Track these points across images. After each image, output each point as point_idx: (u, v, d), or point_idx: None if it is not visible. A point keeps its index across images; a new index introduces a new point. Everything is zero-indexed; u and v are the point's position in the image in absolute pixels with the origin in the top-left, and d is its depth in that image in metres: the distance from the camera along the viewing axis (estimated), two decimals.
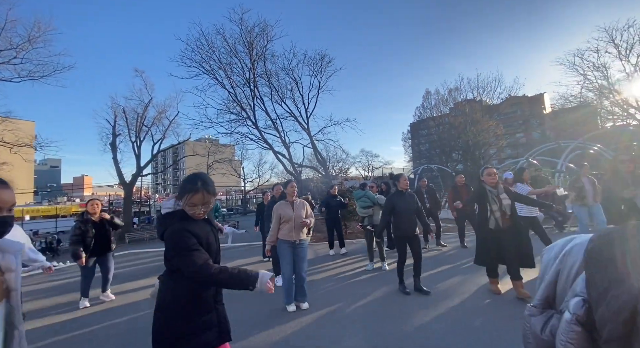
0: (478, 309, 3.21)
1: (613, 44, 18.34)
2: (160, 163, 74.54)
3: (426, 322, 2.96)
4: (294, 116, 19.26)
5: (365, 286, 4.16)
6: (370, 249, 5.25)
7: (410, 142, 46.88)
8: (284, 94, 18.74)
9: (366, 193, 5.31)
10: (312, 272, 5.09)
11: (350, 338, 2.75)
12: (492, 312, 3.12)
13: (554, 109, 37.37)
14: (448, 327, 2.84)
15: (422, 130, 45.86)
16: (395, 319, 3.06)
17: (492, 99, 32.77)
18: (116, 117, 20.87)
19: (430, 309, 3.25)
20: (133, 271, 6.36)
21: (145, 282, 5.22)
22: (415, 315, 3.13)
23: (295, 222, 3.48)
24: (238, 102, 17.17)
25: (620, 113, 21.13)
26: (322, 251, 7.15)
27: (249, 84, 16.97)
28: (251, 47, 16.21)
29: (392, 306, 3.41)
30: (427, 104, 36.40)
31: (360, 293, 3.90)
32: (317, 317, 3.23)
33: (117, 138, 21.46)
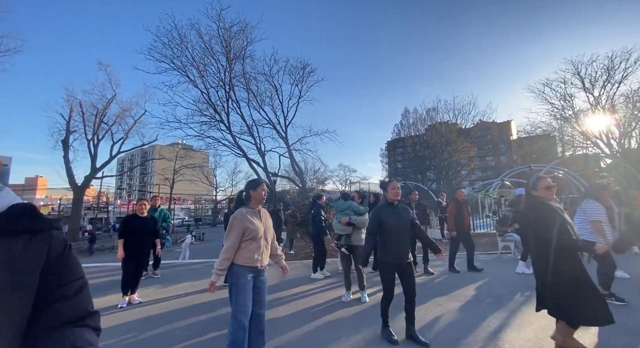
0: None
1: (578, 76, 19.55)
2: (127, 166, 70.00)
3: None
4: (272, 123, 18.38)
5: (340, 329, 3.18)
6: (347, 276, 4.32)
7: (387, 159, 47.39)
8: (263, 100, 17.89)
9: (351, 205, 4.39)
10: (272, 305, 4.04)
11: None
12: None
13: (519, 137, 39.60)
14: None
15: (399, 148, 46.79)
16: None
17: (467, 121, 34.10)
18: (72, 111, 18.81)
19: None
20: None
21: None
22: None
23: (266, 239, 2.50)
24: (211, 104, 15.99)
25: (580, 141, 22.43)
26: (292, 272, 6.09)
27: (224, 86, 15.92)
28: (228, 47, 15.29)
29: None
30: (406, 122, 37.10)
31: (332, 339, 2.92)
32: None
33: (71, 135, 19.27)
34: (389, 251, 2.90)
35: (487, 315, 3.39)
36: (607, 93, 19.36)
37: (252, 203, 2.51)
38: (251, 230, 2.38)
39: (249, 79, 17.06)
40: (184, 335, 3.08)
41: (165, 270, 6.67)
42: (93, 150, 19.30)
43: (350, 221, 4.19)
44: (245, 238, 2.38)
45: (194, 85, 15.34)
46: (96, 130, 19.29)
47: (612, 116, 19.46)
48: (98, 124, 19.26)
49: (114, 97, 19.71)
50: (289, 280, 5.52)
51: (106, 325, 3.47)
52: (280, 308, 3.90)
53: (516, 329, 2.98)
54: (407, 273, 2.88)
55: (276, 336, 2.99)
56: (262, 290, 2.47)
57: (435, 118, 33.66)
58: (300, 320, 3.45)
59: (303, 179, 20.01)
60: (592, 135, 20.48)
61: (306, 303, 4.06)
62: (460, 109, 33.55)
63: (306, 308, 3.87)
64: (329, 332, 3.09)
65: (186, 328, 3.31)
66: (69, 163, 18.81)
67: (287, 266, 2.73)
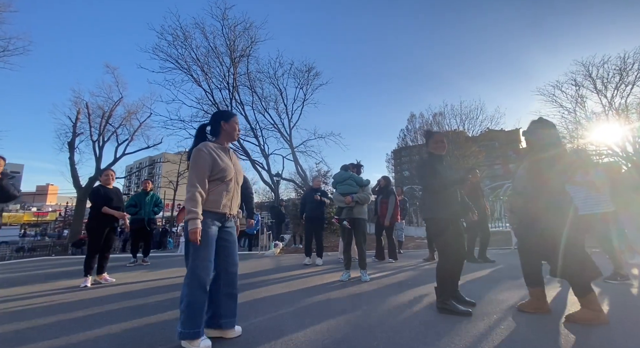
0: None
1: (590, 78, 19.05)
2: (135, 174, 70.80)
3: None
4: (276, 127, 18.25)
5: (337, 304, 2.77)
6: (348, 252, 3.91)
7: (394, 167, 46.88)
8: (268, 104, 17.85)
9: (352, 176, 4.00)
10: (259, 285, 3.66)
11: None
12: None
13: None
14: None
15: (405, 157, 46.30)
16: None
17: (474, 127, 33.58)
18: (79, 113, 18.97)
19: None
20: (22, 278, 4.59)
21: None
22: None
23: (237, 183, 2.05)
24: (215, 103, 15.96)
25: (595, 147, 21.67)
26: (285, 262, 5.68)
27: (228, 86, 15.93)
28: (233, 46, 15.37)
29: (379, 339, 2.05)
30: (412, 127, 36.77)
31: (329, 313, 2.51)
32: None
33: (77, 137, 19.43)
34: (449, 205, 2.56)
35: (504, 292, 2.96)
36: (621, 94, 18.78)
37: (221, 138, 2.07)
38: (220, 168, 1.92)
39: (253, 80, 17.10)
40: (160, 306, 2.71)
41: (156, 260, 6.34)
42: (98, 152, 19.33)
43: (352, 200, 3.81)
44: (212, 178, 1.92)
45: (197, 84, 15.39)
46: (102, 132, 19.38)
47: (625, 119, 18.83)
48: (104, 126, 19.38)
49: (121, 100, 19.89)
50: (287, 266, 5.13)
51: (73, 299, 3.13)
52: (273, 286, 3.51)
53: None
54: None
55: (268, 313, 2.59)
56: (230, 243, 2.02)
57: (442, 123, 33.25)
58: (294, 297, 3.04)
59: (307, 183, 19.69)
60: (605, 140, 19.78)
61: (299, 285, 3.65)
62: (467, 115, 33.04)
63: (298, 287, 3.47)
64: (324, 308, 2.68)
65: (164, 301, 2.95)
66: (74, 165, 18.86)
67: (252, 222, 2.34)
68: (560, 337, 1.92)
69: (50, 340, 2.01)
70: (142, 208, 5.76)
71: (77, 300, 3.04)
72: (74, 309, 2.72)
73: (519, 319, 2.25)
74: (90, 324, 2.29)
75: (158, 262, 5.98)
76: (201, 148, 1.93)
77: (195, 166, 1.89)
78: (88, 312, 2.62)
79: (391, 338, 1.95)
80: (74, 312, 2.63)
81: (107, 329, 2.18)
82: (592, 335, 1.92)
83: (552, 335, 1.96)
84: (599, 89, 19.06)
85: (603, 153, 20.13)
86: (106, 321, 2.35)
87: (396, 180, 42.82)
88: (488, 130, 35.50)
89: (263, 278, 4.02)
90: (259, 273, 4.43)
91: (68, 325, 2.31)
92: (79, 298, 3.11)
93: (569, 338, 1.89)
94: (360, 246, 3.81)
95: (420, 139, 35.73)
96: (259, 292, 3.23)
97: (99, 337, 2.06)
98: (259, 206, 40.99)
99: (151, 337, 2.04)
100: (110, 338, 2.04)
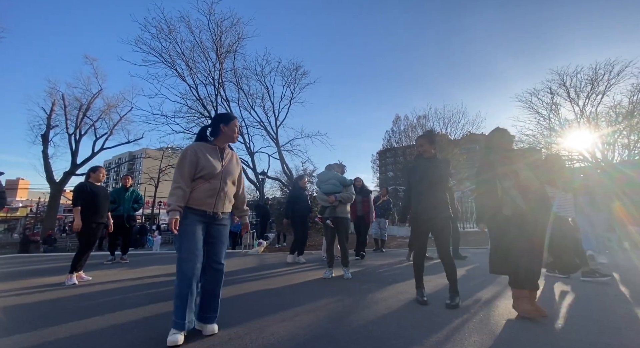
0: None
1: (564, 87, 20.07)
2: (114, 170, 68.21)
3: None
4: (262, 125, 18.08)
5: (319, 300, 2.83)
6: (331, 250, 3.98)
7: (379, 168, 47.51)
8: (254, 101, 17.66)
9: (335, 175, 4.06)
10: (242, 281, 3.67)
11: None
12: None
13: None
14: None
15: (389, 158, 47.02)
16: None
17: (457, 130, 34.54)
18: (54, 105, 18.08)
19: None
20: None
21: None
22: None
23: (224, 182, 2.08)
24: (200, 99, 15.64)
25: (568, 153, 22.85)
26: (269, 260, 5.69)
27: (213, 82, 15.64)
28: (219, 42, 15.10)
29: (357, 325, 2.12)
30: (397, 129, 37.38)
31: (311, 309, 2.56)
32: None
33: (52, 130, 18.52)
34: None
35: (479, 289, 3.13)
36: (592, 103, 19.90)
37: (219, 140, 2.13)
38: (201, 166, 1.98)
39: (240, 77, 16.87)
40: (137, 301, 2.68)
41: (135, 258, 6.18)
42: (74, 146, 18.49)
43: (336, 199, 3.88)
44: (196, 176, 1.98)
45: (182, 79, 14.98)
46: (79, 125, 18.53)
47: (596, 127, 19.97)
48: (81, 119, 18.54)
49: (100, 92, 19.10)
50: (270, 264, 5.14)
51: (51, 297, 3.03)
52: (255, 283, 3.52)
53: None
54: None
55: (251, 308, 2.61)
56: (217, 240, 2.05)
57: (426, 126, 34.06)
58: (277, 294, 3.08)
59: (294, 182, 19.65)
60: (577, 146, 20.91)
61: (281, 281, 3.68)
62: (450, 118, 33.92)
63: (280, 283, 3.50)
64: (306, 304, 2.73)
65: (143, 296, 2.91)
66: (47, 158, 17.97)
67: (248, 225, 2.37)
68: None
69: (26, 333, 1.96)
70: (121, 204, 5.59)
71: (54, 299, 2.95)
72: (55, 307, 2.64)
73: (494, 314, 2.39)
74: (70, 321, 2.24)
75: (138, 260, 5.83)
76: (187, 148, 2.04)
77: (178, 164, 2.01)
78: (67, 310, 2.55)
79: (370, 331, 2.03)
80: (54, 310, 2.55)
81: (83, 326, 2.14)
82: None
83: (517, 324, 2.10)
84: (572, 97, 20.12)
85: (574, 159, 21.27)
86: (84, 317, 2.30)
87: (381, 181, 43.44)
88: (469, 133, 36.69)
89: (246, 276, 4.02)
90: (242, 271, 4.42)
91: (43, 323, 2.25)
92: (56, 297, 3.01)
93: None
94: (342, 245, 3.88)
95: (405, 141, 36.45)
96: (241, 288, 3.25)
97: (75, 335, 2.02)
98: None
99: (133, 333, 2.02)
100: (89, 335, 2.01)
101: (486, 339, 1.89)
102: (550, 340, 1.87)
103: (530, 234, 2.29)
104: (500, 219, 2.39)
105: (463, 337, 1.92)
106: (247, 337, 1.95)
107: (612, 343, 1.83)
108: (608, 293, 2.99)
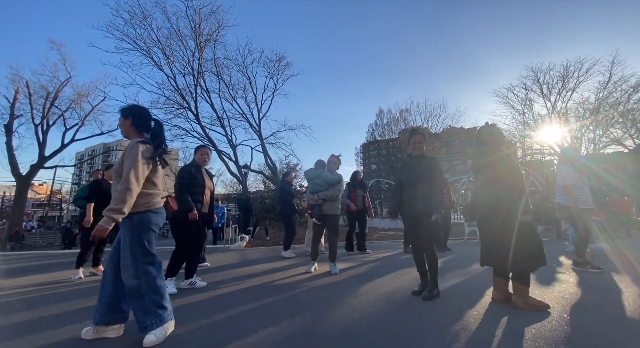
0: None
1: (538, 83, 20.92)
2: (87, 162, 64.81)
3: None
4: (244, 116, 17.72)
5: (300, 297, 2.84)
6: (316, 245, 4.01)
7: (362, 161, 48.02)
8: (236, 92, 17.21)
9: (320, 174, 4.04)
10: (222, 280, 3.63)
11: None
12: None
13: None
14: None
15: (373, 151, 47.64)
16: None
17: (437, 124, 35.45)
18: (17, 93, 16.85)
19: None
20: None
21: None
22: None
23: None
24: (178, 89, 15.05)
25: (539, 146, 24.04)
26: (251, 255, 5.66)
27: (192, 72, 15.08)
28: (198, 30, 14.51)
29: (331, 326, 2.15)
30: (380, 122, 37.78)
31: (292, 307, 2.57)
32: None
33: (16, 120, 17.28)
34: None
35: (454, 284, 3.26)
36: (562, 99, 20.91)
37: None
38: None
39: (220, 67, 16.34)
40: None
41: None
42: (42, 137, 17.38)
43: (319, 198, 3.87)
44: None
45: (159, 68, 14.34)
46: (46, 115, 17.38)
47: (565, 122, 21.05)
48: (48, 108, 17.38)
49: (69, 80, 17.94)
50: (252, 260, 5.11)
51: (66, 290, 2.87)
52: (236, 281, 3.49)
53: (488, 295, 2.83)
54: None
55: (231, 307, 2.58)
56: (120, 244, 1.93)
57: (408, 120, 34.66)
58: (258, 292, 3.07)
59: (277, 176, 19.49)
60: (548, 140, 22.01)
61: (268, 278, 3.67)
62: (431, 112, 34.88)
63: (265, 283, 3.49)
64: (286, 302, 2.74)
65: None
66: (12, 150, 16.82)
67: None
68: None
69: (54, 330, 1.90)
70: None
71: (71, 290, 2.79)
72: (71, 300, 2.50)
73: (466, 306, 2.50)
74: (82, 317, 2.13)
75: None
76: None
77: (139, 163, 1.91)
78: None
79: (348, 327, 2.07)
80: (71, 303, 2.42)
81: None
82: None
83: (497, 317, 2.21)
84: (544, 93, 21.04)
85: (545, 152, 22.41)
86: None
87: (365, 173, 43.98)
88: (449, 127, 37.77)
89: (226, 273, 3.98)
90: (223, 268, 4.37)
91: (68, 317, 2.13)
92: (72, 289, 2.86)
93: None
94: (331, 240, 3.94)
95: (388, 135, 36.94)
96: (222, 288, 3.20)
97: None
98: (225, 198, 39.84)
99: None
100: None
101: (463, 331, 1.98)
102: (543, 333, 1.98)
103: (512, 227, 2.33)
104: (493, 213, 2.42)
105: (439, 329, 2.00)
106: (226, 337, 1.93)
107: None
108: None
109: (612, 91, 18.97)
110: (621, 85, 18.57)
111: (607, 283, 3.10)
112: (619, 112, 18.79)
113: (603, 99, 19.45)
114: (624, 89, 18.54)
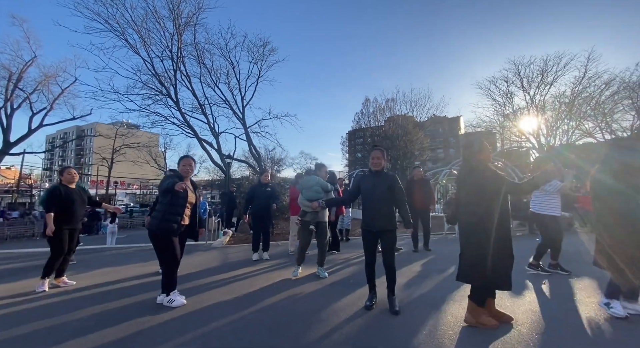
0: None
1: (518, 76, 21.38)
2: (60, 147, 61.29)
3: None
4: (228, 103, 17.11)
5: (281, 308, 2.86)
6: (304, 251, 4.02)
7: (348, 148, 48.11)
8: (218, 77, 16.49)
9: (318, 182, 3.96)
10: (201, 289, 3.59)
11: None
12: None
13: (467, 131, 43.03)
14: None
15: (359, 138, 47.73)
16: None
17: (422, 114, 35.84)
18: None
19: None
20: None
21: None
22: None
23: None
24: (156, 75, 14.25)
25: (517, 137, 24.91)
26: (233, 256, 5.62)
27: (172, 56, 14.28)
28: (177, 11, 13.64)
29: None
30: (366, 111, 37.70)
31: (269, 323, 2.57)
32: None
33: None
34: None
35: (433, 288, 3.37)
36: (541, 93, 21.56)
37: None
38: None
39: (201, 51, 15.55)
40: (84, 326, 2.50)
41: (83, 256, 5.76)
42: (5, 121, 16.18)
43: (319, 205, 3.80)
44: None
45: (134, 51, 13.45)
46: (9, 97, 16.09)
47: (542, 114, 21.80)
48: (12, 90, 16.07)
49: (34, 60, 16.55)
50: (234, 262, 5.07)
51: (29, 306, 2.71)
52: (215, 291, 3.46)
53: (458, 301, 2.94)
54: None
55: (208, 323, 2.55)
56: None
57: (394, 109, 34.78)
58: (237, 305, 3.05)
59: (261, 165, 19.20)
60: (526, 131, 22.80)
61: (248, 285, 3.66)
62: (416, 102, 35.17)
63: (246, 293, 3.47)
64: (266, 315, 2.75)
65: (87, 318, 2.72)
66: None
67: None
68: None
69: None
70: None
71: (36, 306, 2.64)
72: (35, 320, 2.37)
73: (439, 313, 2.59)
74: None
75: (86, 258, 5.44)
76: None
77: None
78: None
79: (326, 335, 2.10)
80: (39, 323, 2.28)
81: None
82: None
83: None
84: (524, 86, 21.59)
85: (523, 144, 23.24)
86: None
87: (350, 162, 44.19)
88: (434, 116, 38.27)
89: (206, 281, 3.89)
90: (202, 274, 4.23)
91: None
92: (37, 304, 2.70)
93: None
94: (322, 246, 3.96)
95: (374, 123, 36.98)
96: (200, 300, 3.11)
97: None
98: (209, 184, 39.10)
99: None
100: None
101: (433, 342, 2.05)
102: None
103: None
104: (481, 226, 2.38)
105: (410, 339, 2.06)
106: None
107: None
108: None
109: (586, 86, 19.72)
110: (594, 81, 19.32)
111: (570, 288, 3.32)
112: (591, 106, 19.62)
113: (578, 93, 20.21)
114: (596, 84, 19.31)
